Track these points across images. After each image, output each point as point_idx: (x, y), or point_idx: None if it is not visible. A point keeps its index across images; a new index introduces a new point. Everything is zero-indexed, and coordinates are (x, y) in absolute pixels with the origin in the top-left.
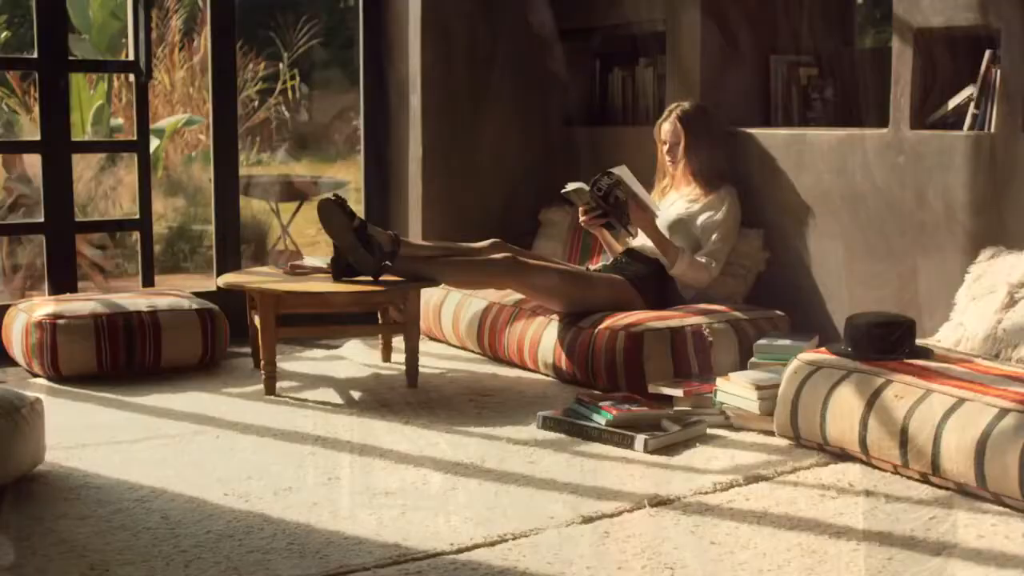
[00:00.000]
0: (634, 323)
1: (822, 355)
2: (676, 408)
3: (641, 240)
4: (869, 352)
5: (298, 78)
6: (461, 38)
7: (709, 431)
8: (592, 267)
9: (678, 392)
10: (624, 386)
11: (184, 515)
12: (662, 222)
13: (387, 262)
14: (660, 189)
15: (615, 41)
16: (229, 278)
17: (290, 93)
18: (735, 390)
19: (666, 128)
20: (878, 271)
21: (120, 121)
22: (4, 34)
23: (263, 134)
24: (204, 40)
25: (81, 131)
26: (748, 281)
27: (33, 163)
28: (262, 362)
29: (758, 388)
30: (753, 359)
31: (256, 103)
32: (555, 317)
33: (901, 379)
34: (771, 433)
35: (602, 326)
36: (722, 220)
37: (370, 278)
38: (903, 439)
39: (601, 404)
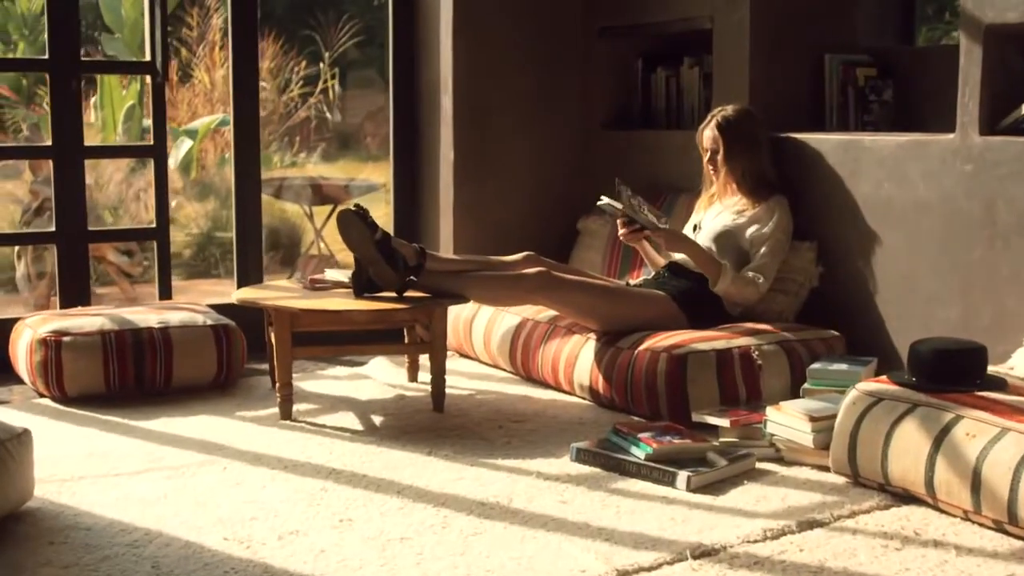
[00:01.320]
0: (677, 344)
1: (883, 385)
2: (722, 439)
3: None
4: (936, 383)
5: (337, 77)
6: (495, 38)
7: (758, 465)
8: (632, 282)
9: (724, 422)
10: (666, 413)
11: (177, 563)
12: (706, 234)
13: (412, 277)
14: (707, 198)
15: (659, 40)
16: (244, 293)
17: (331, 93)
18: (787, 421)
19: (707, 135)
20: (943, 289)
21: (150, 122)
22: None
23: (302, 134)
24: None
25: (112, 132)
26: (800, 298)
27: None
28: (277, 384)
29: (812, 419)
30: (806, 385)
31: (297, 103)
32: (592, 336)
33: (973, 415)
34: (826, 469)
35: (642, 347)
36: (771, 232)
37: (393, 294)
38: (975, 482)
39: (640, 436)
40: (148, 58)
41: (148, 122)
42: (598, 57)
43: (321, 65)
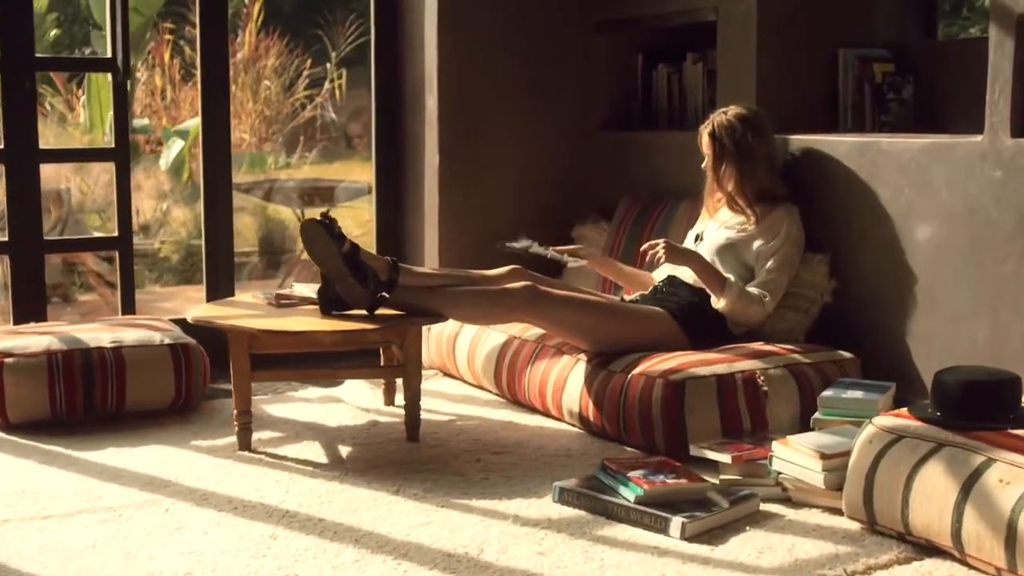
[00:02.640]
0: (674, 368)
1: (904, 420)
2: (723, 477)
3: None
4: (964, 419)
5: (344, 77)
6: (484, 33)
7: (763, 507)
8: (627, 297)
9: (725, 458)
10: (662, 444)
11: None
12: (708, 246)
13: (383, 293)
14: (711, 205)
15: (660, 34)
16: (202, 311)
17: (337, 93)
18: (795, 458)
19: (703, 140)
20: (969, 307)
21: (146, 121)
22: (54, 32)
23: (307, 134)
24: (247, 36)
25: (100, 132)
26: (811, 315)
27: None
28: (234, 412)
29: (823, 457)
30: (817, 415)
31: (303, 103)
32: (583, 357)
33: (1007, 458)
34: (839, 512)
35: (636, 371)
36: (779, 245)
37: (363, 312)
38: (1010, 537)
39: (630, 474)
40: (109, 54)
41: (143, 122)
42: (595, 53)
43: (328, 65)
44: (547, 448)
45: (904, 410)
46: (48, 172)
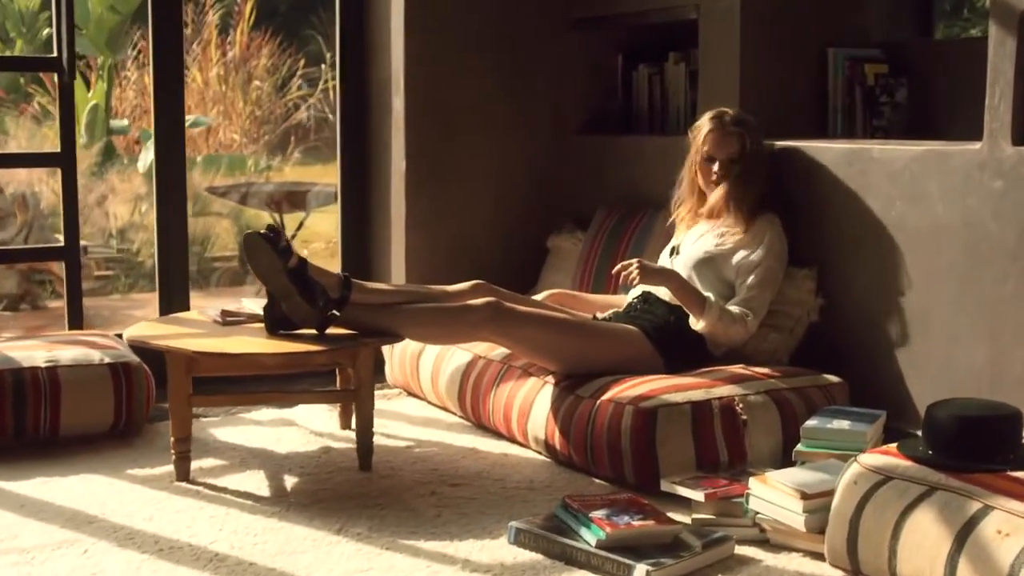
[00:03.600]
0: (646, 395)
1: (892, 458)
2: (695, 516)
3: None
4: (958, 458)
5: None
6: (454, 31)
7: (738, 550)
8: (600, 315)
9: (698, 496)
10: (631, 476)
11: None
12: (684, 261)
13: (333, 311)
14: (689, 215)
15: (641, 32)
16: (138, 330)
17: (331, 93)
18: (773, 496)
19: (725, 138)
20: (967, 329)
21: (126, 122)
22: (46, 31)
23: (297, 135)
24: (239, 35)
25: (76, 134)
26: (796, 335)
27: (7, 174)
28: (171, 440)
29: (804, 497)
30: (799, 447)
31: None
32: (551, 379)
33: (1006, 505)
34: (820, 557)
35: (605, 397)
36: (761, 259)
37: (313, 331)
38: None
39: (592, 515)
40: (55, 53)
41: (122, 122)
42: (572, 53)
43: (323, 66)
44: (509, 479)
45: (893, 447)
46: (21, 176)
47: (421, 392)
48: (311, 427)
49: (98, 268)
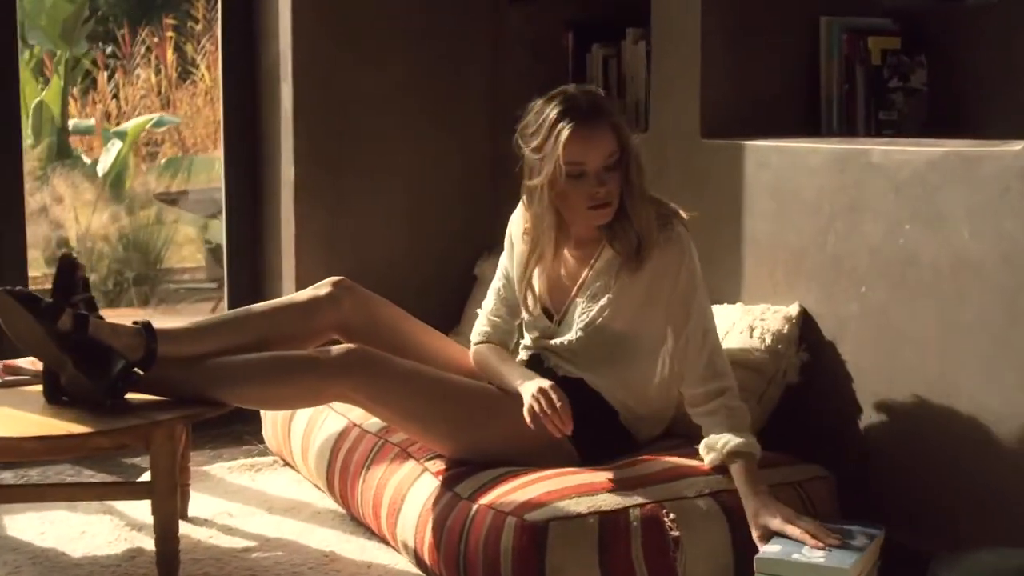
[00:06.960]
0: (535, 501)
1: None
2: None
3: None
4: None
5: None
6: (361, 4)
7: None
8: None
9: None
10: None
11: None
12: (576, 326)
13: (126, 377)
14: (554, 249)
15: (594, 6)
16: None
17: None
18: None
19: (595, 137)
20: (1000, 395)
21: (92, 122)
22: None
23: None
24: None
25: (24, 134)
26: (769, 402)
27: None
28: None
29: None
30: None
31: None
32: (431, 466)
33: None
34: None
35: (484, 500)
36: (696, 302)
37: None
38: None
39: None
40: None
41: (89, 122)
42: (511, 31)
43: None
44: None
45: None
46: None
47: (294, 462)
48: (133, 517)
49: None
